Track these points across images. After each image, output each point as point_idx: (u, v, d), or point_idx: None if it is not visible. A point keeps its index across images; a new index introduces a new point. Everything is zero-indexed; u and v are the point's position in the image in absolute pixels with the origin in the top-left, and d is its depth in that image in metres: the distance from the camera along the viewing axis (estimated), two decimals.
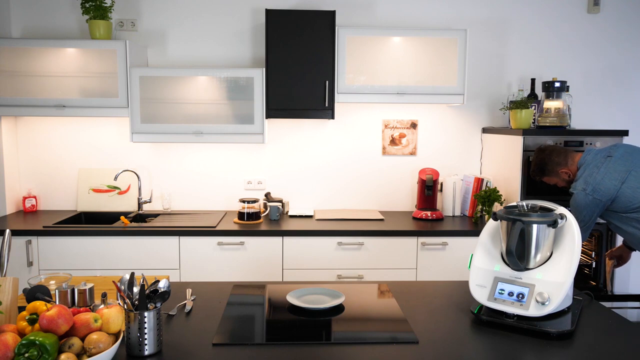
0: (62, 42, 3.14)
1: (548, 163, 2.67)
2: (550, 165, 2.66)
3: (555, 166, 2.65)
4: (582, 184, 2.47)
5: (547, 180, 2.71)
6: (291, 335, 1.57)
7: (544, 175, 2.70)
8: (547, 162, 2.67)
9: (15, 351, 1.23)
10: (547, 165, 2.67)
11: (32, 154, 3.53)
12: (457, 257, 3.09)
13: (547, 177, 2.69)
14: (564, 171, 2.63)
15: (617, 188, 2.39)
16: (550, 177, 2.68)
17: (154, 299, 1.44)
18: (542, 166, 2.69)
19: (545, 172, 2.69)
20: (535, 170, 2.74)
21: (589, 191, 2.43)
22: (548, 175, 2.68)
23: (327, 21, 3.14)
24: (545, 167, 2.68)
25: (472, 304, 1.73)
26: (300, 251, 3.04)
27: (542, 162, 2.69)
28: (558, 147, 2.70)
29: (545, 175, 2.69)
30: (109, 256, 2.99)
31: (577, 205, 2.48)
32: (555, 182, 2.69)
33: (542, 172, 2.70)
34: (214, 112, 3.21)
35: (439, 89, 3.24)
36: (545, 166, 2.67)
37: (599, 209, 2.44)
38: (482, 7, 3.55)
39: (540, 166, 2.70)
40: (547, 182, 2.72)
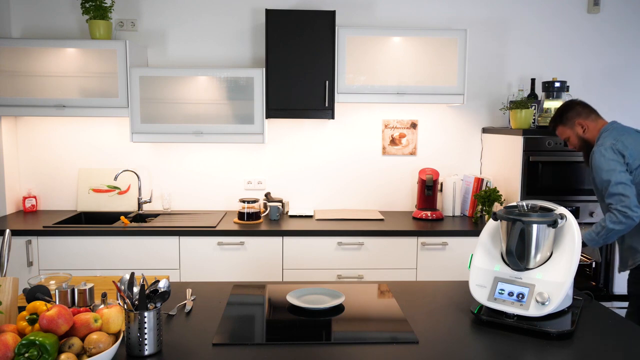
0: (62, 42, 3.14)
1: (569, 111, 2.52)
2: (570, 113, 2.51)
3: (574, 116, 2.50)
4: (611, 139, 2.32)
5: (560, 131, 2.56)
6: (291, 335, 1.57)
7: (560, 122, 2.54)
8: (569, 109, 2.53)
9: (15, 351, 1.23)
10: (568, 112, 2.52)
11: (32, 154, 3.53)
12: (457, 257, 3.09)
13: (562, 125, 2.54)
14: (581, 122, 2.48)
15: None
16: (565, 127, 2.53)
17: (154, 299, 1.44)
18: (562, 112, 2.54)
19: (562, 119, 2.53)
20: (554, 117, 2.59)
21: (619, 147, 2.28)
22: (564, 124, 2.53)
23: (327, 21, 3.14)
24: (565, 114, 2.52)
25: (472, 304, 1.73)
26: (300, 251, 3.03)
27: (564, 109, 2.54)
28: (586, 103, 2.56)
29: (562, 124, 2.54)
30: (109, 256, 2.99)
31: (606, 161, 2.27)
32: (567, 136, 2.54)
33: (559, 119, 2.54)
34: (214, 112, 3.21)
35: (439, 89, 3.24)
36: (565, 113, 2.52)
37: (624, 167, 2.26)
38: (482, 7, 3.55)
39: (560, 112, 2.55)
40: (560, 134, 2.57)
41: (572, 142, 2.55)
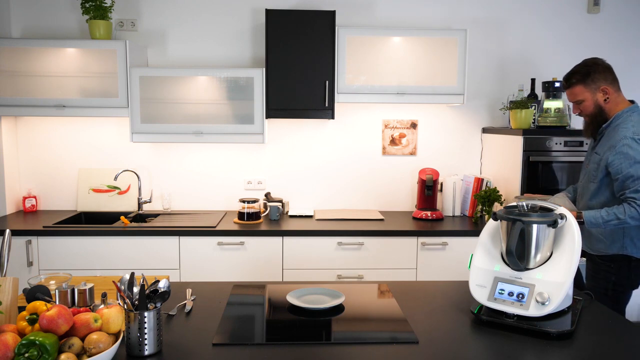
0: (62, 42, 3.14)
1: (597, 72, 2.26)
2: (598, 74, 2.26)
3: (601, 79, 2.26)
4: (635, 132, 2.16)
5: (579, 90, 2.28)
6: (291, 335, 1.57)
7: (583, 81, 2.27)
8: (597, 69, 2.27)
9: (15, 351, 1.23)
10: (596, 73, 2.26)
11: (32, 154, 3.53)
12: (457, 257, 3.09)
13: (583, 85, 2.27)
14: (606, 89, 2.26)
15: None
16: (586, 89, 2.27)
17: (154, 299, 1.44)
18: (590, 71, 2.27)
19: (587, 78, 2.26)
20: (575, 72, 2.30)
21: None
22: (586, 84, 2.26)
23: (327, 21, 3.14)
24: (592, 74, 2.26)
25: (472, 304, 1.73)
26: (300, 251, 3.03)
27: (592, 67, 2.28)
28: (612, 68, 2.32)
29: (584, 83, 2.27)
30: (109, 256, 2.99)
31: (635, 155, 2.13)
32: (584, 99, 2.28)
33: (583, 78, 2.27)
34: (214, 112, 3.21)
35: (439, 89, 3.24)
36: (594, 73, 2.26)
37: None
38: (482, 7, 3.55)
39: (586, 70, 2.28)
40: (576, 95, 2.30)
41: (586, 108, 2.30)
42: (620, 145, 2.16)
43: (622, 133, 2.19)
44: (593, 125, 2.34)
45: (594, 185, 2.29)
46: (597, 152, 2.29)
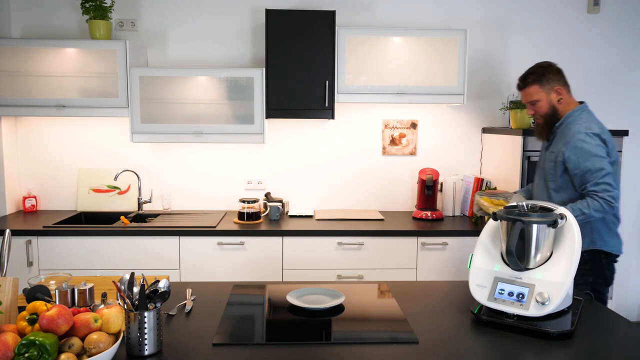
0: (62, 42, 3.14)
1: (551, 73, 2.33)
2: (552, 75, 2.33)
3: (555, 80, 2.33)
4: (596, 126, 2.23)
5: (534, 90, 2.33)
6: (291, 335, 1.57)
7: (538, 81, 2.32)
8: (551, 70, 2.34)
9: (15, 351, 1.23)
10: (550, 73, 2.33)
11: (32, 154, 3.53)
12: (457, 257, 3.09)
13: (539, 85, 2.32)
14: (559, 90, 2.32)
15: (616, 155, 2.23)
16: (541, 89, 2.32)
17: (154, 299, 1.44)
18: (544, 70, 2.34)
19: (542, 78, 2.32)
20: (531, 72, 2.35)
21: (605, 137, 2.22)
22: (542, 84, 2.32)
23: (327, 21, 3.14)
24: (547, 74, 2.33)
25: (472, 304, 1.73)
26: (300, 251, 3.03)
27: (546, 68, 2.34)
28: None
29: (539, 83, 2.32)
30: (109, 256, 2.99)
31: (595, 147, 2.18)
32: (539, 99, 2.33)
33: (539, 77, 2.32)
34: (214, 112, 3.21)
35: (439, 89, 3.24)
36: (548, 74, 2.33)
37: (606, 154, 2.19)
38: (481, 8, 3.55)
39: (541, 69, 2.34)
40: (531, 95, 2.34)
41: (540, 108, 2.35)
42: (574, 140, 2.22)
43: (575, 128, 2.26)
44: (548, 126, 2.38)
45: (554, 184, 2.32)
46: (552, 151, 2.34)
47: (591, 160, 2.18)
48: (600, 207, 2.15)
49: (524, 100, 2.40)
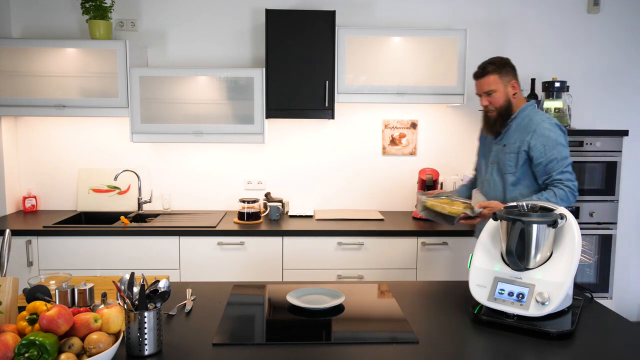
0: (62, 42, 3.14)
1: (509, 66, 2.32)
2: (510, 68, 2.32)
3: (513, 73, 2.32)
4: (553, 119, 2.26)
5: (493, 80, 2.29)
6: (291, 335, 1.57)
7: (498, 72, 2.29)
8: (509, 64, 2.32)
9: (15, 351, 1.23)
10: (508, 67, 2.32)
11: (32, 154, 3.53)
12: (457, 257, 3.09)
13: (498, 75, 2.29)
14: (515, 84, 2.31)
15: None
16: (500, 80, 2.29)
17: (154, 299, 1.44)
18: (504, 62, 2.32)
19: (502, 69, 2.30)
20: (492, 62, 2.32)
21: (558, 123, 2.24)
22: (501, 75, 2.29)
23: (327, 21, 3.14)
24: (506, 66, 2.31)
25: (472, 304, 1.73)
26: (300, 251, 3.03)
27: (505, 60, 2.33)
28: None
29: (498, 73, 2.29)
30: (109, 256, 2.99)
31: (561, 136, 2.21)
32: (496, 90, 2.29)
33: (499, 67, 2.29)
34: (214, 112, 3.21)
35: (439, 89, 3.24)
36: (507, 66, 2.32)
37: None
38: (481, 7, 3.55)
39: (501, 60, 2.33)
40: (490, 84, 2.30)
41: (496, 100, 2.31)
42: (541, 129, 2.21)
43: (538, 118, 2.26)
44: (502, 119, 2.33)
45: (512, 176, 2.29)
46: (510, 143, 2.30)
47: (557, 149, 2.19)
48: (565, 196, 2.14)
49: (480, 90, 2.35)
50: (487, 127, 2.41)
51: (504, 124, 2.34)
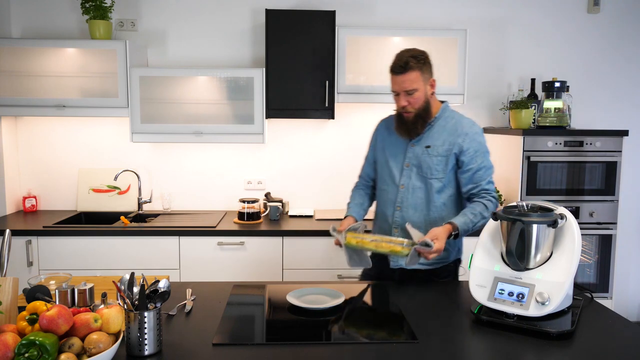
0: (62, 42, 3.14)
1: (429, 62, 2.07)
2: (429, 65, 2.07)
3: (430, 72, 2.07)
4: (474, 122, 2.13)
5: (414, 77, 2.00)
6: (291, 335, 1.57)
7: (420, 68, 2.02)
8: (429, 60, 2.07)
9: (15, 351, 1.23)
10: (428, 63, 2.06)
11: (32, 154, 3.53)
12: None
13: (419, 72, 2.02)
14: (433, 83, 2.09)
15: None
16: (421, 77, 2.03)
17: (154, 299, 1.44)
18: (424, 57, 2.05)
19: (423, 66, 2.03)
20: (413, 57, 2.02)
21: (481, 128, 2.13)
22: (422, 72, 2.03)
23: (327, 21, 3.14)
24: (426, 62, 2.05)
25: (472, 304, 1.73)
26: (300, 251, 3.03)
27: (425, 55, 2.07)
28: None
29: (420, 70, 2.02)
30: (109, 256, 2.99)
31: (485, 144, 2.10)
32: (417, 88, 2.02)
33: (420, 63, 2.02)
34: (214, 112, 3.21)
35: (439, 89, 3.21)
36: (427, 61, 2.06)
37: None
38: (482, 7, 3.55)
39: (422, 55, 2.05)
40: (412, 82, 2.01)
41: (417, 99, 2.04)
42: (472, 133, 2.07)
43: (466, 121, 2.12)
44: (422, 121, 2.09)
45: (439, 182, 2.08)
46: (430, 145, 2.09)
47: (486, 157, 2.09)
48: (494, 207, 2.02)
49: (400, 88, 2.03)
50: (403, 129, 2.11)
51: (425, 126, 2.10)
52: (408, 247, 1.87)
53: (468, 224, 1.99)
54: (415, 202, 2.12)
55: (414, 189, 2.12)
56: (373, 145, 2.31)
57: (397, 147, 2.17)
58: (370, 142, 2.34)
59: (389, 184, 2.17)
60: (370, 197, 2.35)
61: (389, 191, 2.17)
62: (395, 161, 2.16)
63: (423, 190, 2.11)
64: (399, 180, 2.14)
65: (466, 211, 2.02)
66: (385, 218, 2.19)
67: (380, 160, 2.24)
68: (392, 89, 2.08)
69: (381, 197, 2.23)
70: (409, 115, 2.07)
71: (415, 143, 2.12)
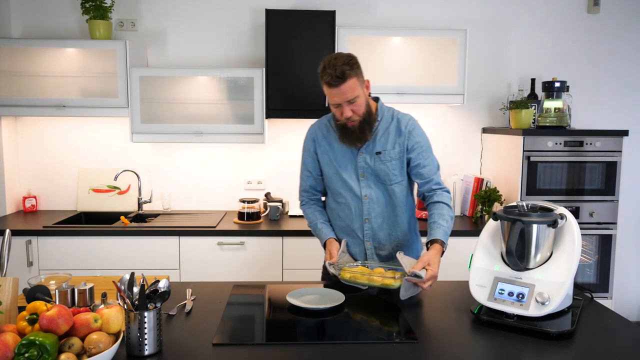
0: (62, 42, 3.14)
1: (358, 63, 1.94)
2: (359, 66, 1.95)
3: (361, 72, 1.96)
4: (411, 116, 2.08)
5: (352, 85, 1.88)
6: (291, 335, 1.57)
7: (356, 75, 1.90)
8: (357, 61, 1.94)
9: (15, 351, 1.23)
10: (358, 65, 1.94)
11: (32, 154, 3.53)
12: (457, 257, 3.08)
13: (356, 78, 1.91)
14: (368, 83, 2.00)
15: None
16: (359, 82, 1.92)
17: (154, 299, 1.44)
18: (355, 61, 1.93)
19: (357, 70, 1.92)
20: (346, 63, 1.88)
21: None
22: (358, 77, 1.92)
23: (327, 21, 3.14)
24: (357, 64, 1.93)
25: (472, 304, 1.73)
26: (300, 251, 3.03)
27: (354, 57, 1.94)
28: None
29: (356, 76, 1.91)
30: (109, 256, 2.99)
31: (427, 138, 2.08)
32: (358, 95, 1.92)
33: (354, 68, 1.90)
34: (214, 112, 3.21)
35: (439, 89, 3.24)
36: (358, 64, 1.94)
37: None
38: (482, 7, 3.55)
39: (352, 59, 1.92)
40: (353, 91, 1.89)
41: (360, 106, 1.94)
42: (414, 129, 2.03)
43: (404, 116, 2.07)
44: (368, 126, 1.99)
45: (400, 186, 2.05)
46: (380, 151, 2.02)
47: (431, 150, 2.09)
48: (450, 201, 2.05)
49: (342, 99, 1.91)
50: (350, 139, 2.00)
51: (371, 130, 2.01)
52: (400, 280, 1.77)
53: (447, 232, 1.96)
54: (382, 211, 2.06)
55: (378, 198, 2.05)
56: (311, 157, 2.15)
57: (345, 158, 2.06)
58: (305, 152, 2.18)
59: (348, 197, 2.07)
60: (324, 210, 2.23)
61: (351, 204, 2.07)
62: (348, 173, 2.06)
63: (387, 198, 2.06)
64: (360, 191, 2.05)
65: (438, 220, 1.94)
66: (353, 232, 2.10)
67: (328, 173, 2.11)
68: (332, 102, 1.94)
69: (342, 210, 2.10)
70: (354, 123, 1.97)
71: (363, 151, 2.03)
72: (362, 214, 2.07)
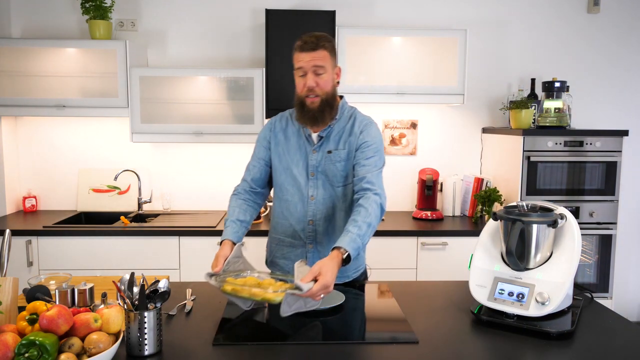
0: (62, 42, 3.14)
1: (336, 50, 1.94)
2: (336, 53, 1.94)
3: (336, 60, 1.94)
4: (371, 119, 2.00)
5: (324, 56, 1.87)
6: (291, 335, 1.57)
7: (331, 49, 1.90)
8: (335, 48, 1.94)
9: (15, 351, 1.23)
10: (335, 50, 1.94)
11: (32, 154, 3.53)
12: (457, 257, 3.09)
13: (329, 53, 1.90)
14: (339, 73, 1.98)
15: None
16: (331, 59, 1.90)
17: (154, 299, 1.44)
18: (334, 44, 1.93)
19: (333, 49, 1.92)
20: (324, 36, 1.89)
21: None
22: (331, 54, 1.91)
23: (327, 21, 3.14)
24: (335, 49, 1.94)
25: (472, 304, 1.73)
26: None
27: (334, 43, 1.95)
28: None
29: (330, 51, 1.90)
30: (109, 256, 2.99)
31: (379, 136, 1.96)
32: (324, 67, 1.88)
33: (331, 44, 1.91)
34: (214, 112, 3.21)
35: (439, 89, 3.24)
36: (334, 49, 1.94)
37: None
38: (482, 7, 3.55)
39: (332, 40, 1.92)
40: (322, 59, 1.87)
41: (325, 83, 1.89)
42: (367, 129, 1.94)
43: (363, 118, 1.99)
44: (329, 109, 1.94)
45: (345, 189, 1.96)
46: (330, 150, 1.95)
47: (378, 151, 1.92)
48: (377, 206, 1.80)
49: (309, 65, 1.88)
50: (307, 117, 1.93)
51: (331, 117, 1.95)
52: (282, 294, 1.54)
53: (356, 241, 1.70)
54: (327, 214, 1.96)
55: (324, 200, 1.95)
56: (265, 147, 2.05)
57: (298, 154, 1.98)
58: (259, 142, 2.08)
59: (295, 195, 1.98)
60: (253, 208, 2.05)
61: (296, 204, 1.98)
62: (299, 169, 1.97)
63: (332, 200, 1.95)
64: (307, 191, 1.96)
65: (348, 226, 1.74)
66: (296, 233, 2.00)
67: (278, 167, 2.01)
68: (298, 67, 1.89)
69: (286, 209, 2.01)
70: (315, 100, 1.89)
71: (317, 149, 1.96)
72: (306, 215, 1.98)
